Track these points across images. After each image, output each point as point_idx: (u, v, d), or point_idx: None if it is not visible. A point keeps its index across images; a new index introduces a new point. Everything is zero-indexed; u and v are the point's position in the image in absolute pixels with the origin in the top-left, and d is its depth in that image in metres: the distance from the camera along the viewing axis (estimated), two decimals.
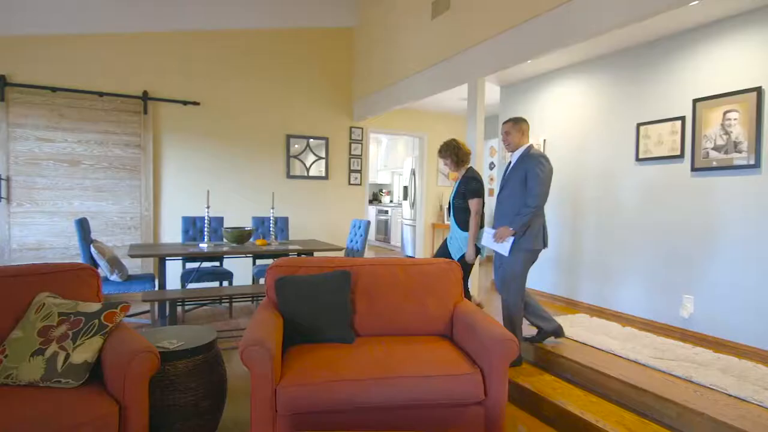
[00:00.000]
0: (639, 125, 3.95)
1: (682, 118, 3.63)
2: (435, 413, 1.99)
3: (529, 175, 2.93)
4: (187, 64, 5.38)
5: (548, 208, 4.80)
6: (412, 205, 7.84)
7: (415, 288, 2.57)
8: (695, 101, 3.53)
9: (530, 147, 3.09)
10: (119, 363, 1.74)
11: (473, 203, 3.37)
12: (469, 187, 3.39)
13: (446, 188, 7.59)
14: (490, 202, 5.65)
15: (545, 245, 3.05)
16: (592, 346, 3.13)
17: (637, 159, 3.97)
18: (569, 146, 4.64)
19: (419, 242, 7.51)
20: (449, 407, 2.01)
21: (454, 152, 3.49)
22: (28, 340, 1.85)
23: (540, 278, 4.92)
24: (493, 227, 3.11)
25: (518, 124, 3.13)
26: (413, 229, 7.77)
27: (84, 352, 1.82)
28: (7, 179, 4.64)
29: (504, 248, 3.00)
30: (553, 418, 2.55)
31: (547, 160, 3.01)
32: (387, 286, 2.55)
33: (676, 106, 3.69)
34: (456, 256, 3.48)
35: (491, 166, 7.71)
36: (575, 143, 4.58)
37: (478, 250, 3.41)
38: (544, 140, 4.91)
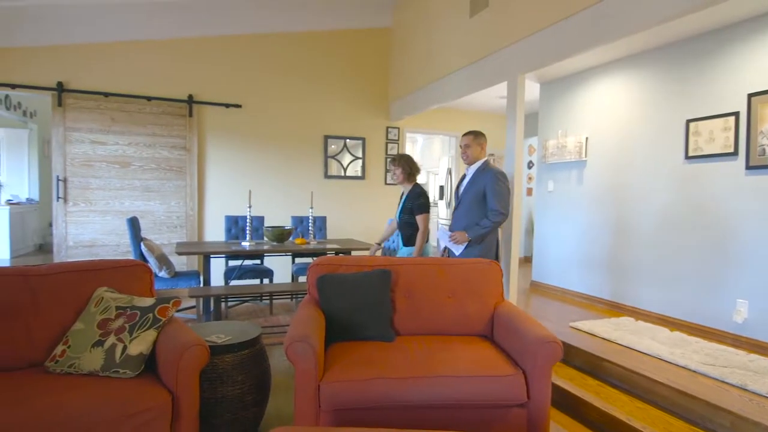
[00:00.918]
0: (688, 122, 3.80)
1: (736, 114, 3.46)
2: (476, 414, 1.99)
3: (490, 191, 3.06)
4: (230, 68, 5.55)
5: (590, 209, 4.71)
6: (449, 204, 7.80)
7: (455, 288, 2.57)
8: (750, 96, 3.36)
9: (487, 162, 3.23)
10: (172, 355, 1.82)
11: (421, 219, 3.43)
12: (417, 202, 3.45)
13: None
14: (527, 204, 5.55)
15: (497, 260, 3.19)
16: (638, 351, 3.04)
17: (687, 157, 3.81)
18: (612, 144, 4.51)
19: None
20: (491, 408, 2.00)
21: (408, 164, 3.56)
22: (89, 332, 1.96)
23: (581, 280, 4.80)
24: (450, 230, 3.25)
25: (478, 138, 3.24)
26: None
27: (140, 345, 1.91)
28: (65, 180, 4.92)
29: (458, 249, 3.17)
30: (597, 423, 2.49)
31: (505, 177, 3.15)
32: (427, 285, 2.55)
33: (728, 101, 3.53)
34: None
35: (530, 165, 7.57)
36: (618, 141, 4.44)
37: None
38: (586, 138, 4.78)
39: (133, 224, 4.01)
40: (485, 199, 3.10)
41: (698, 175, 3.74)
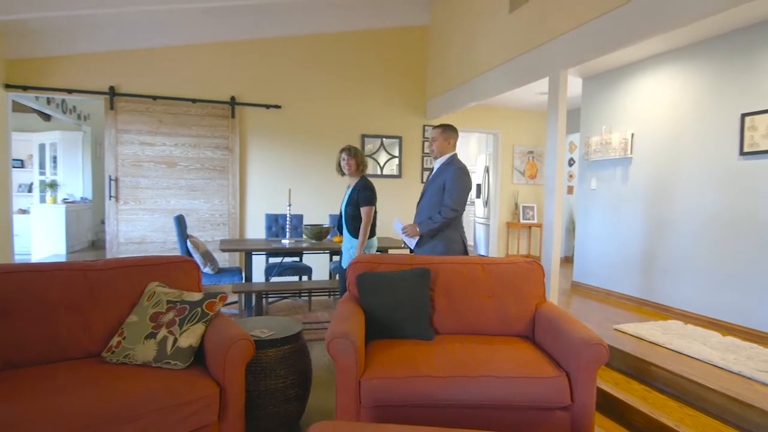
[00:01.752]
0: (744, 116, 3.60)
1: None
2: (518, 415, 1.96)
3: (447, 185, 2.98)
4: (270, 70, 5.68)
5: (635, 207, 4.55)
6: (486, 203, 7.70)
7: (495, 287, 2.54)
8: None
9: (453, 157, 3.14)
10: (220, 349, 1.89)
11: (365, 211, 3.39)
12: (364, 194, 3.41)
13: (522, 186, 7.38)
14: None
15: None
16: (688, 356, 2.91)
17: (741, 153, 3.62)
18: (659, 140, 4.33)
19: (493, 241, 7.36)
20: (533, 410, 1.97)
21: (361, 156, 3.53)
22: (142, 325, 2.06)
23: (626, 281, 4.64)
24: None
25: (446, 132, 3.15)
26: (486, 227, 7.63)
27: (189, 338, 2.00)
28: (116, 180, 5.17)
29: (411, 242, 3.13)
30: (644, 428, 2.41)
31: (467, 174, 3.06)
32: (467, 284, 2.54)
33: None
34: (345, 263, 3.49)
35: (571, 162, 7.38)
36: (666, 137, 4.26)
37: None
38: (632, 134, 4.62)
39: (180, 222, 4.17)
40: (443, 194, 3.05)
41: (754, 172, 3.54)
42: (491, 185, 7.43)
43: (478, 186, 8.21)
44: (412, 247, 3.18)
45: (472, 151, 9.37)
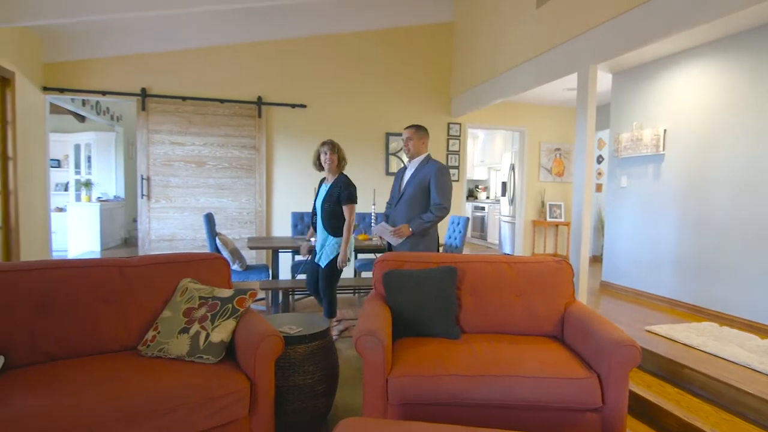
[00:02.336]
0: None
1: None
2: (547, 416, 1.94)
3: (434, 184, 3.00)
4: (295, 69, 5.74)
5: (668, 206, 4.42)
6: (512, 201, 7.62)
7: (523, 286, 2.51)
8: None
9: (429, 156, 3.17)
10: (250, 344, 1.93)
11: (349, 209, 3.32)
12: (347, 191, 3.33)
13: (549, 183, 7.26)
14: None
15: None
16: (724, 359, 2.82)
17: None
18: (694, 136, 4.20)
19: (518, 240, 7.27)
20: (562, 411, 1.94)
21: (341, 152, 3.44)
22: (176, 320, 2.12)
23: (658, 281, 4.52)
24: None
25: (420, 132, 3.16)
26: (512, 226, 7.55)
27: (221, 333, 2.04)
28: (148, 179, 5.31)
29: (396, 241, 3.08)
30: None
31: (449, 171, 3.09)
32: (494, 283, 2.52)
33: None
34: (324, 262, 3.38)
35: (599, 159, 7.23)
36: (702, 133, 4.13)
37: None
38: (664, 130, 4.49)
39: (209, 220, 4.26)
40: (427, 193, 3.04)
41: None
42: (517, 183, 7.34)
43: (504, 184, 8.12)
44: (395, 245, 3.12)
45: (497, 149, 9.27)
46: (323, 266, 3.42)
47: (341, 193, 3.36)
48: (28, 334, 1.94)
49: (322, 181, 3.67)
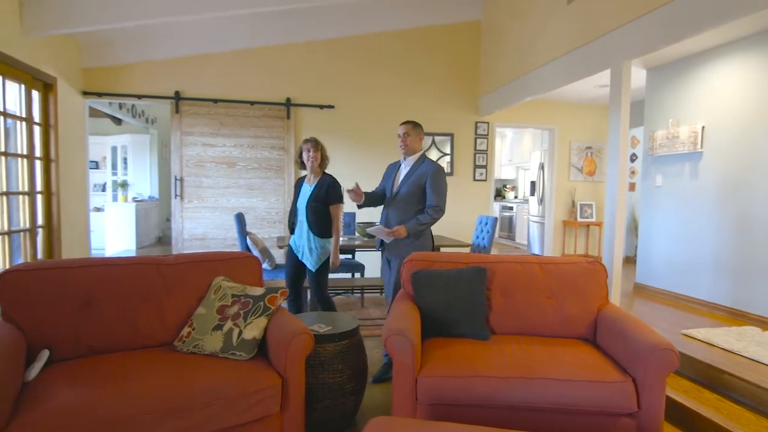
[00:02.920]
0: None
1: None
2: (581, 420, 1.90)
3: (431, 185, 2.96)
4: (323, 71, 5.80)
5: (706, 205, 4.27)
6: (541, 201, 7.49)
7: (555, 288, 2.47)
8: None
9: (425, 155, 3.12)
10: (282, 342, 1.96)
11: (337, 209, 3.25)
12: (335, 191, 3.25)
13: (579, 183, 7.11)
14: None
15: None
16: (766, 364, 2.71)
17: None
18: (734, 133, 4.04)
19: (548, 240, 7.15)
20: (596, 416, 1.90)
21: (324, 150, 3.34)
22: (210, 317, 2.17)
23: (695, 284, 4.37)
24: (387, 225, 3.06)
25: (417, 128, 3.11)
26: (541, 226, 7.42)
27: (253, 330, 2.08)
28: (181, 180, 5.46)
29: (388, 239, 3.01)
30: None
31: (444, 172, 3.06)
32: (524, 284, 2.48)
33: None
34: (314, 265, 3.25)
35: (632, 157, 7.04)
36: (743, 129, 3.96)
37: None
38: (702, 127, 4.33)
39: (240, 219, 4.35)
40: (422, 192, 2.99)
41: None
42: (546, 182, 7.21)
43: (533, 183, 7.99)
44: (388, 241, 3.06)
45: (526, 148, 9.13)
46: (314, 270, 3.29)
47: (329, 193, 3.27)
48: (72, 328, 2.02)
49: (300, 180, 3.51)
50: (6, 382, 1.56)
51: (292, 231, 3.47)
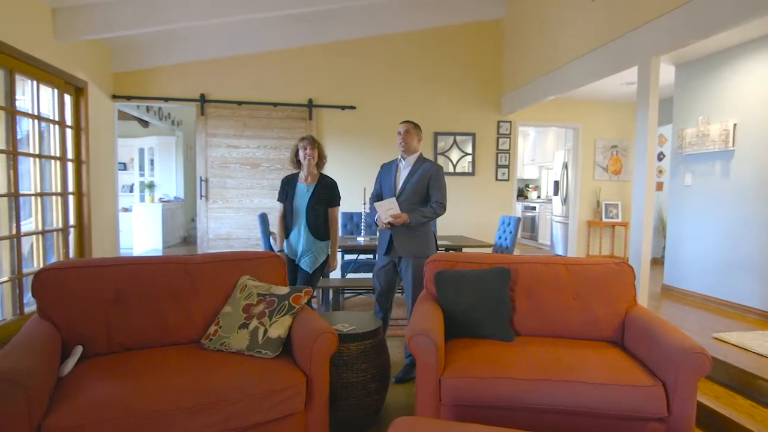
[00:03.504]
0: None
1: None
2: (609, 424, 1.87)
3: (434, 183, 3.02)
4: (344, 72, 5.83)
5: (738, 205, 4.14)
6: (564, 200, 7.37)
7: (581, 289, 2.43)
8: None
9: (421, 154, 3.17)
10: (306, 341, 1.98)
11: (336, 211, 3.22)
12: (333, 194, 3.23)
13: (604, 182, 6.98)
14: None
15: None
16: None
17: None
18: None
19: (572, 241, 7.03)
20: (624, 420, 1.86)
21: (322, 149, 3.27)
22: (236, 315, 2.20)
23: (726, 286, 4.24)
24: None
25: (417, 128, 3.15)
26: (565, 226, 7.31)
27: (278, 329, 2.11)
28: (206, 180, 5.56)
29: (383, 223, 2.97)
30: None
31: (443, 170, 3.15)
32: (549, 285, 2.45)
33: None
34: (311, 267, 3.17)
35: (660, 156, 6.88)
36: None
37: None
38: (734, 125, 4.20)
39: (264, 220, 4.41)
40: (425, 192, 3.03)
41: None
42: (570, 182, 7.09)
43: (556, 183, 7.88)
44: (382, 225, 2.99)
45: (549, 147, 9.00)
46: (311, 271, 3.19)
47: (334, 195, 3.24)
48: (104, 325, 2.08)
49: (291, 179, 3.31)
50: (43, 377, 1.62)
51: (287, 234, 3.26)
